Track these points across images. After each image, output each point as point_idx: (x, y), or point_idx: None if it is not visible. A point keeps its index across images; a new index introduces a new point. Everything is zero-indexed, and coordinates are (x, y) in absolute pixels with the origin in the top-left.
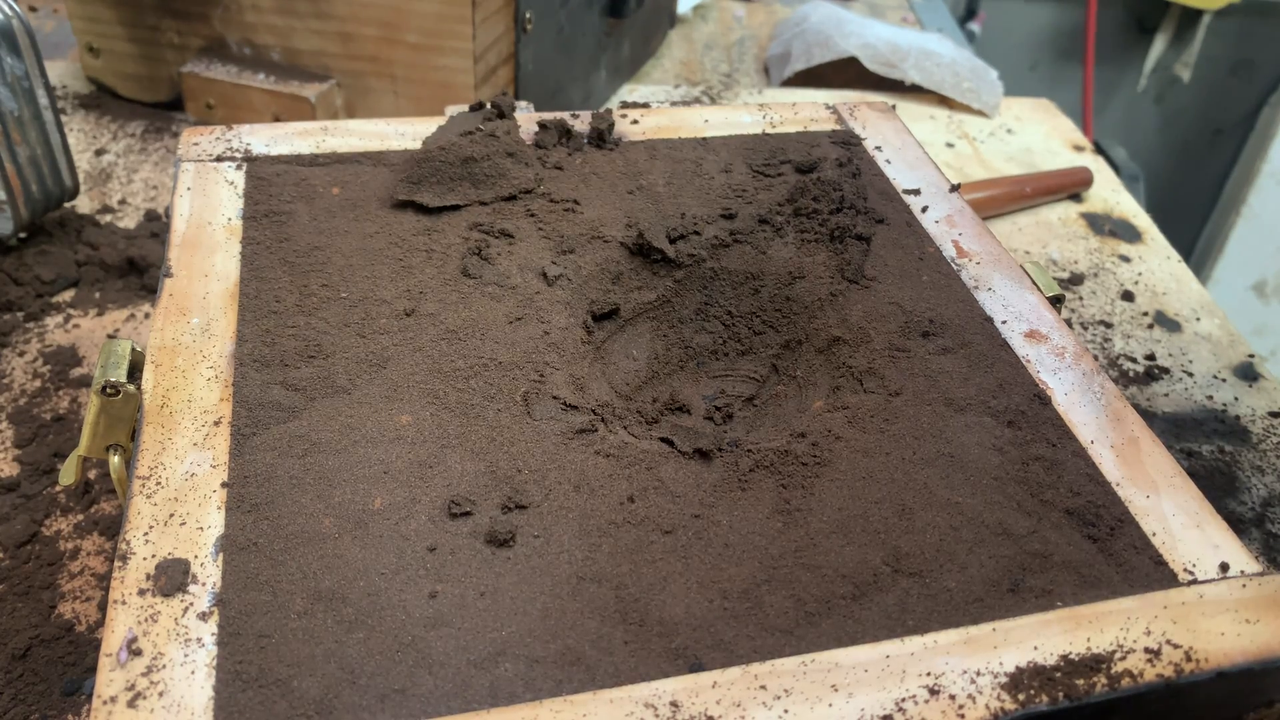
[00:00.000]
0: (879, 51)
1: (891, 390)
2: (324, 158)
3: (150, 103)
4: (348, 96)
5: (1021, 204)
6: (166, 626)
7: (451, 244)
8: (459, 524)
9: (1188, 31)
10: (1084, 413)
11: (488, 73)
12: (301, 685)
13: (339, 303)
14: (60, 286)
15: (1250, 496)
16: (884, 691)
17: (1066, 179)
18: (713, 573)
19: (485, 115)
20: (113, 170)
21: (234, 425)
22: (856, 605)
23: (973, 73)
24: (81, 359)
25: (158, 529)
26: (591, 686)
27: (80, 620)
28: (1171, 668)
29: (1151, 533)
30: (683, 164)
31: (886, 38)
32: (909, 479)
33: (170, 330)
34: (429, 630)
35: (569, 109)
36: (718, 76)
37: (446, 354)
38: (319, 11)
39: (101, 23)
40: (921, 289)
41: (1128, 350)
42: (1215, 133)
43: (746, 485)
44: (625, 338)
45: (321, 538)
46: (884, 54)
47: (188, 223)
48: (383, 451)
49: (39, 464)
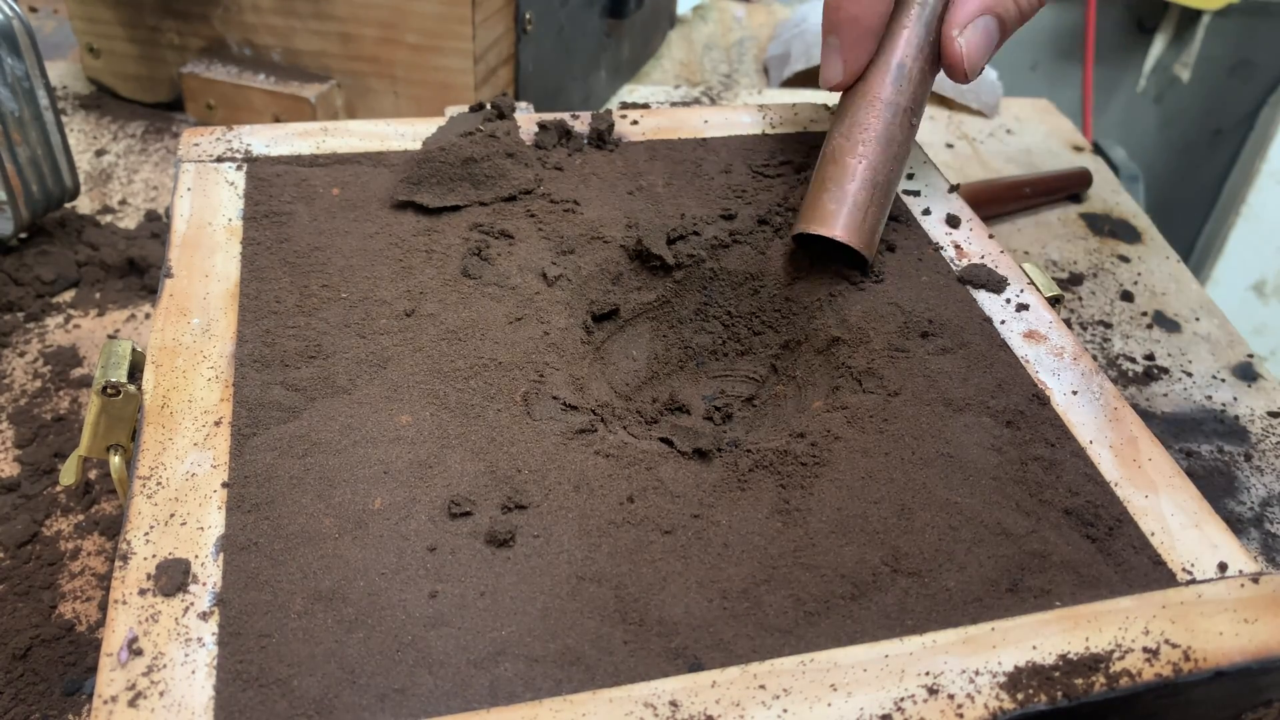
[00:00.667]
0: None
1: (890, 390)
2: (324, 158)
3: (150, 103)
4: (348, 97)
5: (1020, 205)
6: (167, 626)
7: (451, 244)
8: (459, 524)
9: (1187, 31)
10: (1083, 413)
11: (488, 73)
12: (302, 685)
13: (339, 303)
14: (60, 287)
15: (1249, 496)
16: (883, 691)
17: (1065, 179)
18: (712, 573)
19: (485, 116)
20: (113, 170)
21: (234, 425)
22: (856, 605)
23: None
24: (82, 359)
25: (158, 529)
26: (591, 686)
27: (81, 620)
28: (1170, 667)
29: (1150, 532)
30: (683, 164)
31: None
32: (908, 479)
33: (170, 330)
34: (429, 630)
35: (569, 109)
36: (717, 77)
37: (446, 354)
38: (319, 12)
39: (101, 23)
40: (920, 289)
41: (1127, 350)
42: (1215, 133)
43: (746, 485)
44: (625, 338)
45: (322, 538)
46: None
47: (188, 223)
48: (383, 451)
49: (39, 464)
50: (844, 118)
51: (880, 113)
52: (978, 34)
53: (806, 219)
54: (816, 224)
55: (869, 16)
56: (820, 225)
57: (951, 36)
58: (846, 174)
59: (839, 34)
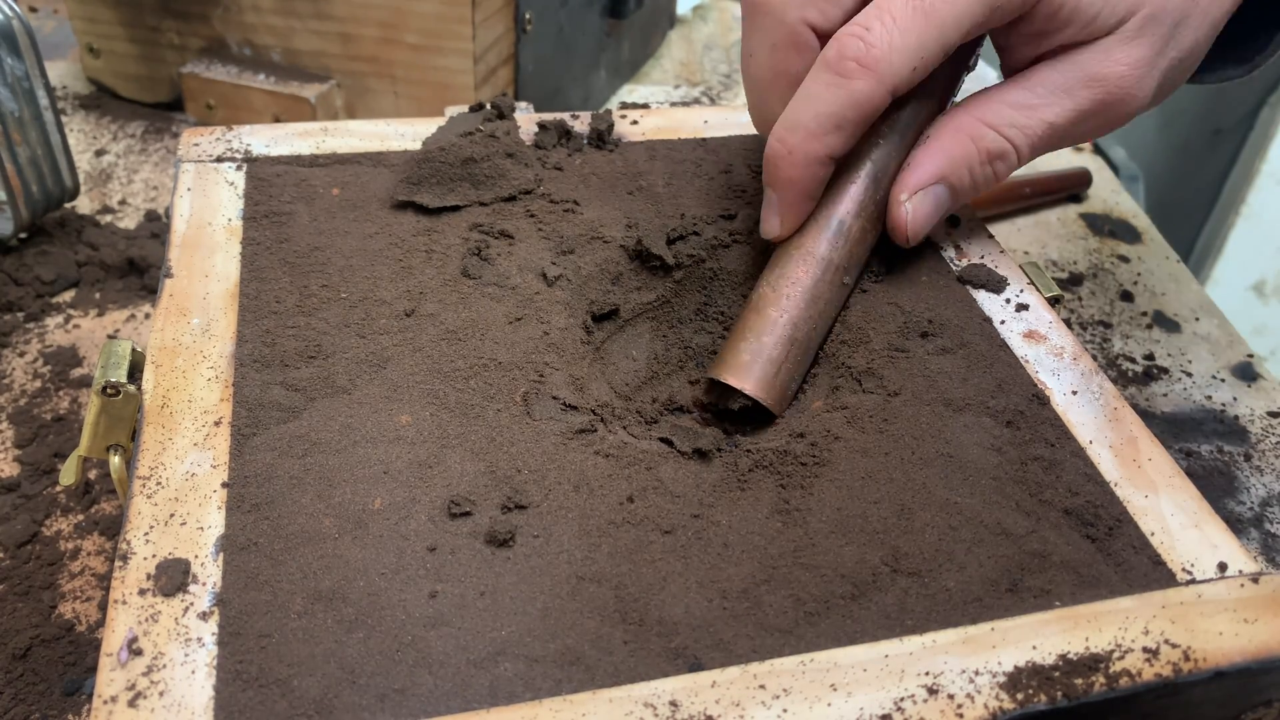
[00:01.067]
0: None
1: (890, 390)
2: (324, 158)
3: (150, 103)
4: (348, 97)
5: (1020, 205)
6: (167, 626)
7: (451, 244)
8: (459, 524)
9: None
10: (1082, 413)
11: (488, 73)
12: (301, 685)
13: (339, 303)
14: (60, 287)
15: (1249, 496)
16: (883, 691)
17: (1065, 179)
18: (712, 573)
19: (485, 116)
20: (113, 171)
21: (234, 425)
22: (855, 605)
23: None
24: (82, 359)
25: (158, 529)
26: (591, 686)
27: (80, 620)
28: (1170, 667)
29: (1150, 532)
30: (682, 164)
31: None
32: (908, 479)
33: (170, 330)
34: (429, 630)
35: (569, 109)
36: (718, 77)
37: (446, 354)
38: (319, 12)
39: (101, 23)
40: (920, 289)
41: (1126, 350)
42: (1215, 133)
43: (746, 485)
44: (625, 338)
45: (321, 538)
46: None
47: (188, 223)
48: (383, 451)
49: (39, 464)
50: (774, 267)
51: (811, 268)
52: (927, 202)
53: (721, 367)
54: (730, 374)
55: (807, 181)
56: (733, 376)
57: (899, 200)
58: (766, 326)
59: (776, 192)
